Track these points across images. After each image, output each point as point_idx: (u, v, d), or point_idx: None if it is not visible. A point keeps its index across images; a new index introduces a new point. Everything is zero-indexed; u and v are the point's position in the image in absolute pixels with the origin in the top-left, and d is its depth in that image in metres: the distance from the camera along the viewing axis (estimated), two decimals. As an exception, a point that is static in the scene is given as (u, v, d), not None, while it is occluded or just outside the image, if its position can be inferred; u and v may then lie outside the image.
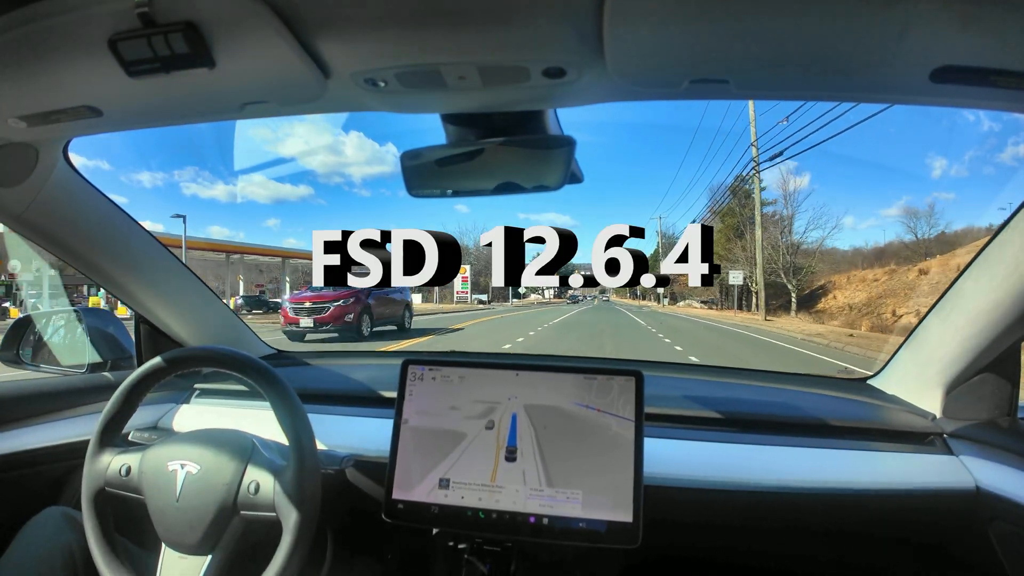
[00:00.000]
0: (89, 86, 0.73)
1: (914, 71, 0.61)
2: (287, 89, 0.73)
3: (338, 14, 0.60)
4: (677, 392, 1.28)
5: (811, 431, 1.14)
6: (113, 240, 1.24)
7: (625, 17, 0.55)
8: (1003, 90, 0.62)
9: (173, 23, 0.59)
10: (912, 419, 1.14)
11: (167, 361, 1.00)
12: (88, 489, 0.98)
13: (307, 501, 0.91)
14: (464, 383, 1.04)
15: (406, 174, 0.85)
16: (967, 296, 1.02)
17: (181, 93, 0.74)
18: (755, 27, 0.56)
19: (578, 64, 0.65)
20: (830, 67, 0.63)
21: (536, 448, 0.97)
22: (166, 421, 1.37)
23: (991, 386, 1.06)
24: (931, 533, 1.06)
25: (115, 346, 1.48)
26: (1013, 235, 0.93)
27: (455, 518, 0.97)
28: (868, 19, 0.54)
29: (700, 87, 0.69)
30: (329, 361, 1.69)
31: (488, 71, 0.67)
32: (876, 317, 20.42)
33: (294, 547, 0.89)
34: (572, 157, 0.80)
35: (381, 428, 1.08)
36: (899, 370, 1.25)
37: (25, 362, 1.48)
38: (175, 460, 0.96)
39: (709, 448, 1.11)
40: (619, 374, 0.99)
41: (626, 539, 0.91)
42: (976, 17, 0.52)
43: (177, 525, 0.94)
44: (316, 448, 0.96)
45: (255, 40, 0.61)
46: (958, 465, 1.03)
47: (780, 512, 1.06)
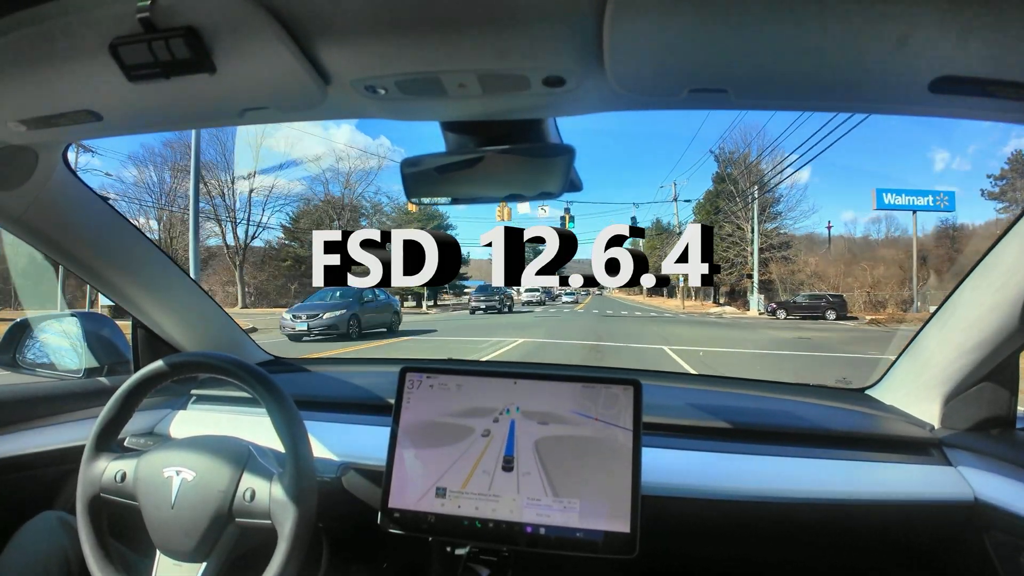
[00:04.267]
0: (89, 90, 0.73)
1: (913, 81, 0.61)
2: (287, 96, 0.73)
3: (339, 21, 0.60)
4: (675, 401, 1.28)
5: (809, 441, 1.14)
6: (111, 244, 1.24)
7: (625, 26, 0.55)
8: (1002, 100, 0.62)
9: (174, 28, 0.59)
10: (910, 429, 1.13)
11: (164, 366, 0.99)
12: (83, 495, 0.97)
13: (303, 509, 0.91)
14: (462, 391, 1.04)
15: (405, 181, 0.85)
16: (965, 306, 1.02)
17: (181, 98, 0.74)
18: (754, 37, 0.57)
19: (578, 73, 0.65)
20: (829, 78, 0.63)
21: (534, 457, 0.97)
22: (162, 427, 1.36)
23: (989, 396, 1.06)
24: (928, 543, 1.05)
25: (112, 351, 1.48)
26: (1011, 244, 0.93)
27: (452, 527, 0.96)
28: (867, 30, 0.54)
29: (699, 96, 0.69)
30: (327, 368, 1.69)
31: (488, 79, 0.67)
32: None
33: (289, 555, 0.89)
34: (571, 166, 0.80)
35: (378, 436, 1.08)
36: (897, 380, 1.25)
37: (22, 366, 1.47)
38: (171, 466, 0.96)
39: (707, 458, 1.11)
40: (617, 383, 0.99)
41: (623, 549, 0.90)
42: (975, 27, 0.52)
43: (172, 532, 0.93)
44: (312, 455, 0.96)
45: (256, 46, 0.62)
46: (956, 476, 1.03)
47: (778, 522, 1.05)
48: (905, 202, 25.67)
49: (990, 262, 0.97)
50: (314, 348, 11.16)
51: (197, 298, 1.47)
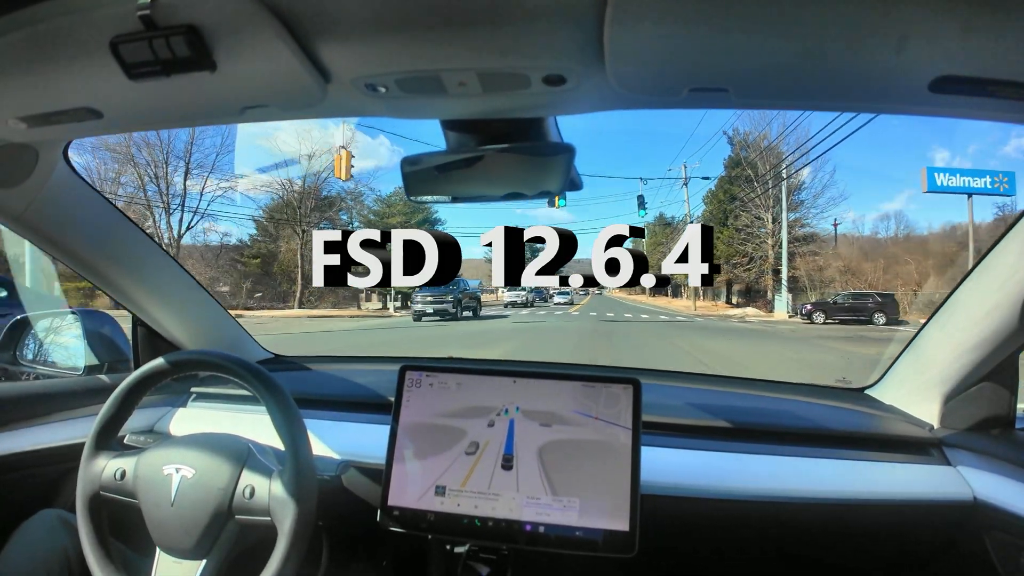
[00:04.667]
0: (90, 88, 0.73)
1: (913, 81, 0.61)
2: (287, 94, 0.73)
3: (339, 19, 0.60)
4: (674, 401, 1.28)
5: (809, 441, 1.14)
6: (111, 242, 1.24)
7: (625, 25, 0.55)
8: (1002, 100, 0.62)
9: (175, 26, 0.59)
10: (910, 429, 1.14)
11: (164, 364, 0.99)
12: (83, 493, 0.97)
13: (303, 506, 0.91)
14: (462, 390, 1.04)
15: (406, 179, 0.85)
16: (965, 306, 1.02)
17: (181, 96, 0.74)
18: (755, 37, 0.57)
19: (578, 71, 0.65)
20: (829, 77, 0.63)
21: (533, 456, 0.97)
22: (162, 425, 1.36)
23: (989, 396, 1.06)
24: (928, 543, 1.05)
25: (112, 349, 1.48)
26: (1011, 245, 0.93)
27: (451, 525, 0.97)
28: (868, 29, 0.54)
29: (700, 95, 0.69)
30: (327, 366, 1.69)
31: (488, 77, 0.67)
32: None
33: (289, 552, 0.89)
34: (572, 164, 0.80)
35: (378, 434, 1.08)
36: (897, 380, 1.25)
37: (22, 364, 1.47)
38: (170, 464, 0.96)
39: (706, 457, 1.11)
40: (617, 382, 0.99)
41: (623, 548, 0.90)
42: (975, 27, 0.52)
43: (172, 529, 0.93)
44: (312, 453, 0.96)
45: (256, 44, 0.61)
46: (956, 475, 1.03)
47: (777, 521, 1.05)
48: (959, 183, 20.68)
49: (990, 262, 0.97)
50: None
51: (197, 296, 1.47)
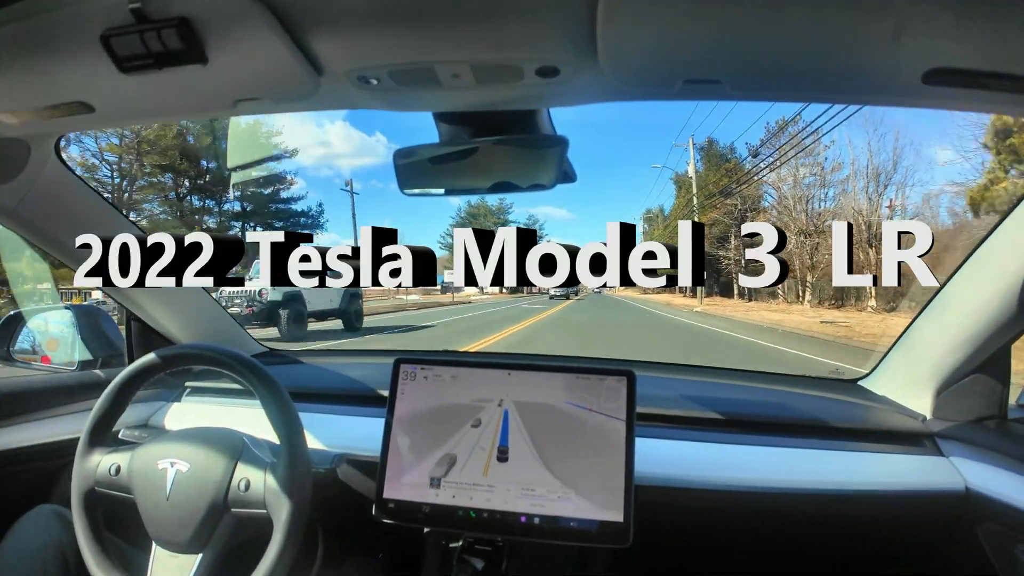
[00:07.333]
0: (81, 82, 0.72)
1: (907, 73, 0.61)
2: (280, 86, 0.73)
3: (331, 11, 0.60)
4: (668, 392, 1.28)
5: (801, 432, 1.15)
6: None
7: (619, 17, 0.55)
8: (994, 92, 0.62)
9: (166, 19, 0.59)
10: (902, 420, 1.14)
11: (158, 359, 0.99)
12: (78, 489, 0.97)
13: (298, 498, 0.91)
14: (456, 382, 1.04)
15: (399, 172, 0.85)
16: (958, 297, 1.03)
17: (173, 89, 0.74)
18: (749, 28, 0.57)
19: (572, 64, 0.65)
20: (823, 69, 0.63)
21: (528, 447, 0.97)
22: (157, 419, 1.36)
23: (981, 387, 1.07)
24: (921, 533, 1.06)
25: (106, 343, 1.47)
26: (1004, 236, 0.93)
27: (446, 517, 0.97)
28: (862, 21, 0.54)
29: (694, 88, 0.69)
30: (321, 359, 1.69)
31: (482, 69, 0.67)
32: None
33: (285, 544, 0.89)
34: (565, 157, 0.80)
35: (373, 427, 1.08)
36: (889, 371, 1.26)
37: (15, 359, 1.47)
38: (165, 458, 0.96)
39: (699, 448, 1.12)
40: (611, 374, 0.99)
41: (617, 539, 0.91)
42: (969, 19, 0.52)
43: (167, 524, 0.93)
44: (307, 446, 0.96)
45: (248, 37, 0.61)
46: (948, 466, 1.04)
47: (769, 513, 1.06)
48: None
49: (983, 254, 0.97)
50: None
51: (191, 290, 1.46)
